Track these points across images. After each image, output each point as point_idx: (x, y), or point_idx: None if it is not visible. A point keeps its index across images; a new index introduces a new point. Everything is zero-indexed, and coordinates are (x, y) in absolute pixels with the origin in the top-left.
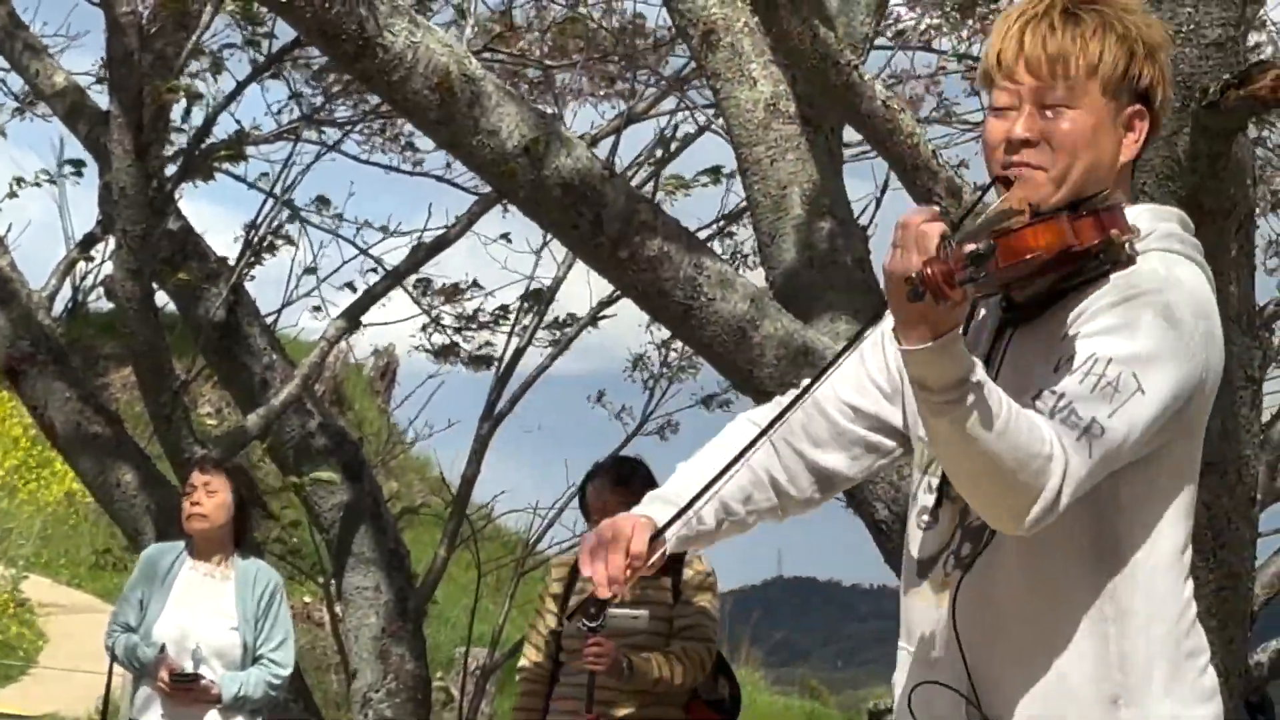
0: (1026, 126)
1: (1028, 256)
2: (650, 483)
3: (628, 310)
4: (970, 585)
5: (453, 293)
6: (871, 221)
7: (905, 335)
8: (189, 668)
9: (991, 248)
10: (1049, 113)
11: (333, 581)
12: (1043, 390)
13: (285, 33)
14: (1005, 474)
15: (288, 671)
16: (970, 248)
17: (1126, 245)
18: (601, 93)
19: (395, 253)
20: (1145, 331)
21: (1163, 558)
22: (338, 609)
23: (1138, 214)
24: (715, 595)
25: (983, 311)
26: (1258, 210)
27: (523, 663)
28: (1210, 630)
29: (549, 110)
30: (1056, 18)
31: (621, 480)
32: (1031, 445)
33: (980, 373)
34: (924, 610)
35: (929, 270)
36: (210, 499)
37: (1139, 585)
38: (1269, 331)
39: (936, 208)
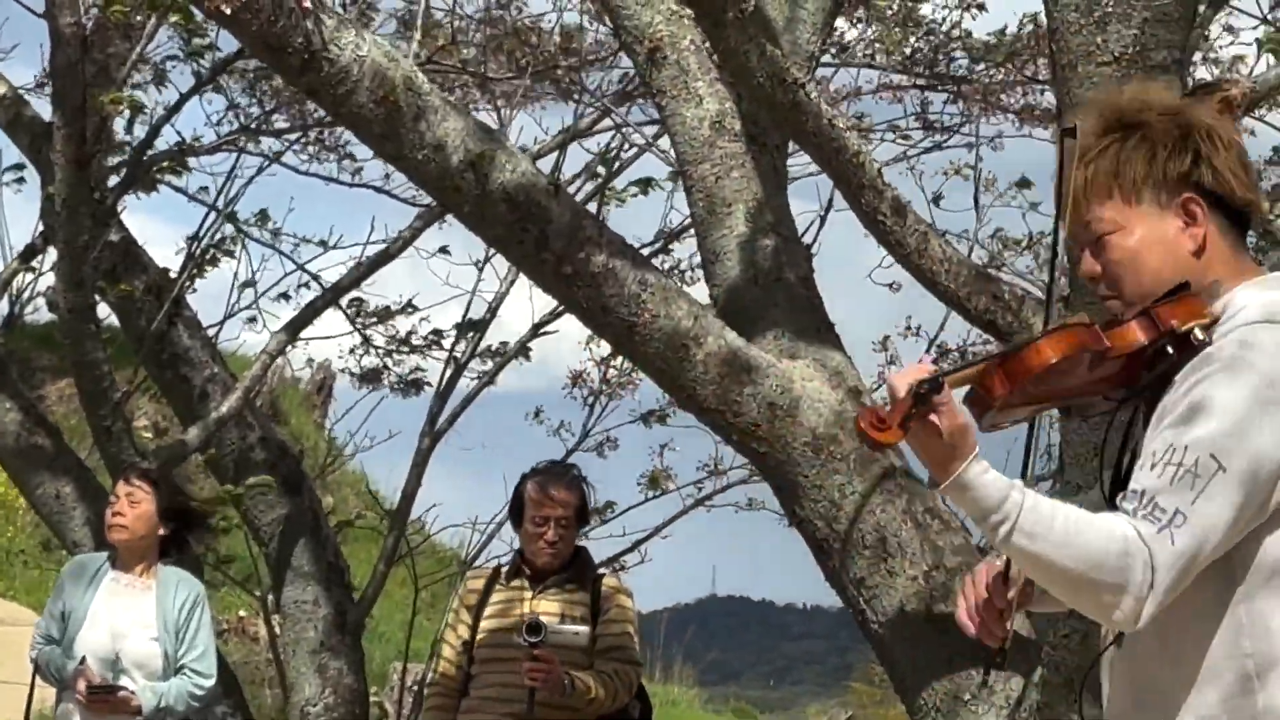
0: (1087, 268)
1: (1033, 372)
2: (585, 484)
3: (568, 327)
4: (1120, 659)
5: (385, 315)
6: (815, 240)
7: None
8: (110, 679)
9: (937, 383)
10: (1099, 246)
11: (270, 595)
12: (1129, 490)
13: (227, 43)
14: (1078, 581)
15: (210, 682)
16: (918, 387)
17: (1196, 331)
18: (546, 103)
19: (334, 268)
20: (1217, 410)
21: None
22: (275, 623)
23: (1243, 290)
24: (634, 614)
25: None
26: None
27: (432, 675)
28: None
29: (493, 121)
30: (1081, 157)
31: (561, 478)
32: (1100, 550)
33: (1019, 496)
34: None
35: (858, 422)
36: (133, 509)
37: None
38: None
39: (928, 359)
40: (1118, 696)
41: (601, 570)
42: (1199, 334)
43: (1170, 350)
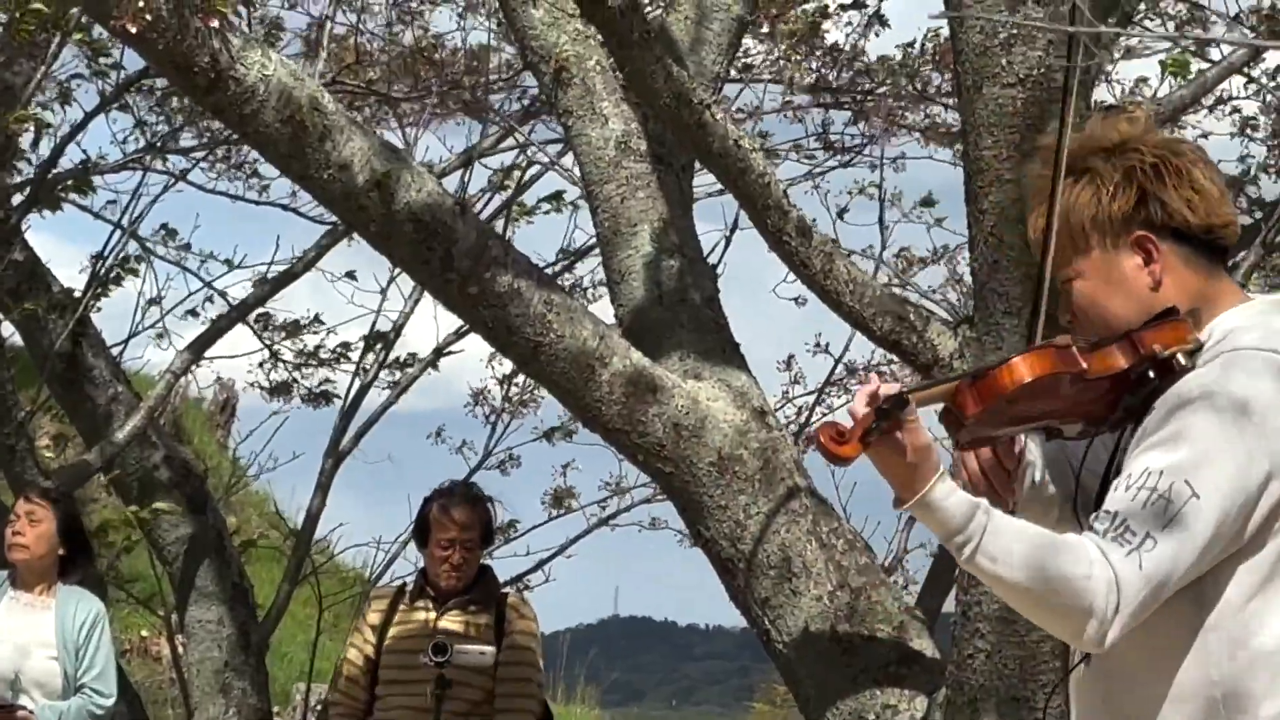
0: (1064, 309)
1: (1006, 391)
2: (490, 504)
3: (471, 345)
4: (1091, 678)
5: (294, 329)
6: (721, 260)
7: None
8: (10, 698)
9: (901, 400)
10: (1067, 292)
11: (174, 615)
12: (1101, 511)
13: (133, 62)
14: (1042, 602)
15: (109, 701)
16: (882, 403)
17: (1179, 357)
18: (451, 123)
19: (240, 285)
20: (1192, 437)
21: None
22: (179, 642)
23: (1228, 315)
24: (538, 634)
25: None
26: None
27: (334, 695)
28: None
29: (399, 141)
30: (1037, 204)
31: (466, 499)
32: (1064, 573)
33: (984, 518)
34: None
35: (818, 434)
36: (33, 529)
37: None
38: None
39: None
40: (1086, 716)
41: (506, 590)
42: (1181, 359)
43: (1152, 375)
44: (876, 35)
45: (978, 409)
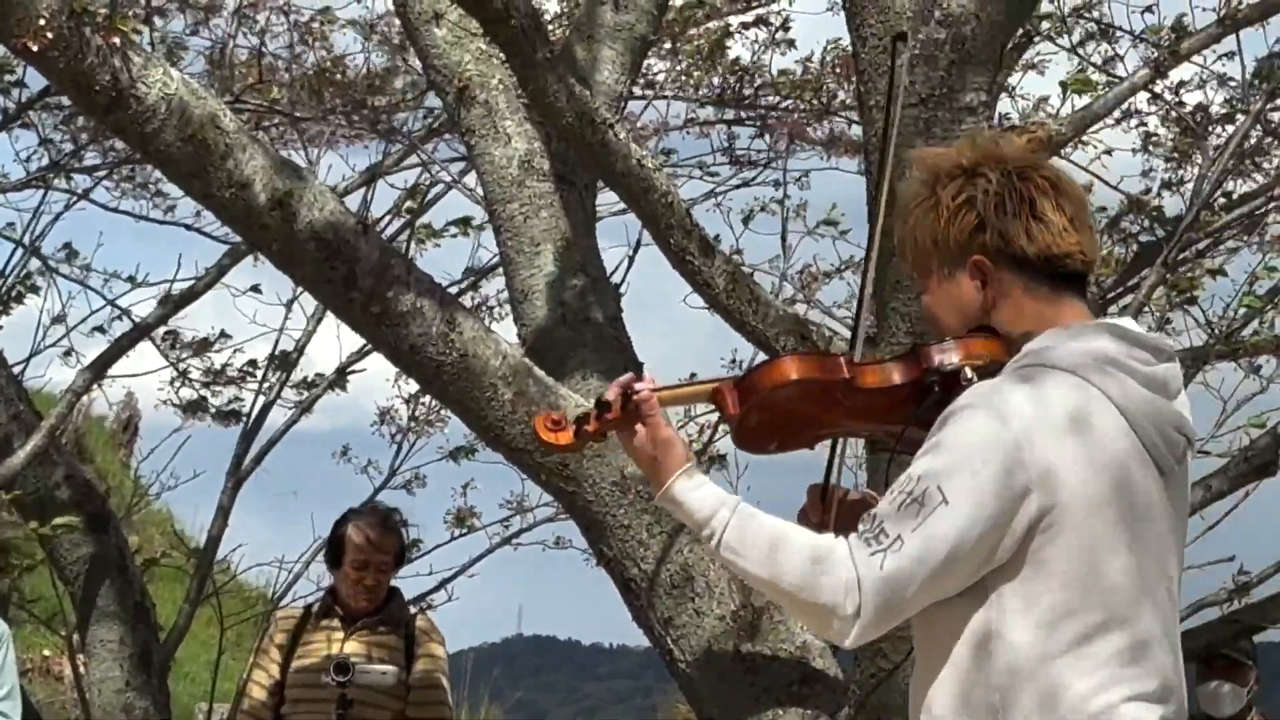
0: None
1: (761, 391)
2: (404, 527)
3: (376, 364)
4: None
5: (201, 347)
6: (624, 280)
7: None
8: None
9: (606, 403)
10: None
11: (76, 634)
12: (866, 513)
13: (36, 80)
14: (786, 597)
15: None
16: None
17: (966, 371)
18: (353, 141)
19: (144, 303)
20: (950, 445)
21: (1047, 651)
22: (81, 662)
23: (1044, 336)
24: (445, 656)
25: None
26: None
27: (239, 716)
28: None
29: (302, 160)
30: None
31: (385, 524)
32: (800, 569)
33: (727, 514)
34: None
35: (535, 421)
36: None
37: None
38: None
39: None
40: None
41: (414, 611)
42: (969, 374)
43: (937, 388)
44: (782, 54)
45: (736, 408)
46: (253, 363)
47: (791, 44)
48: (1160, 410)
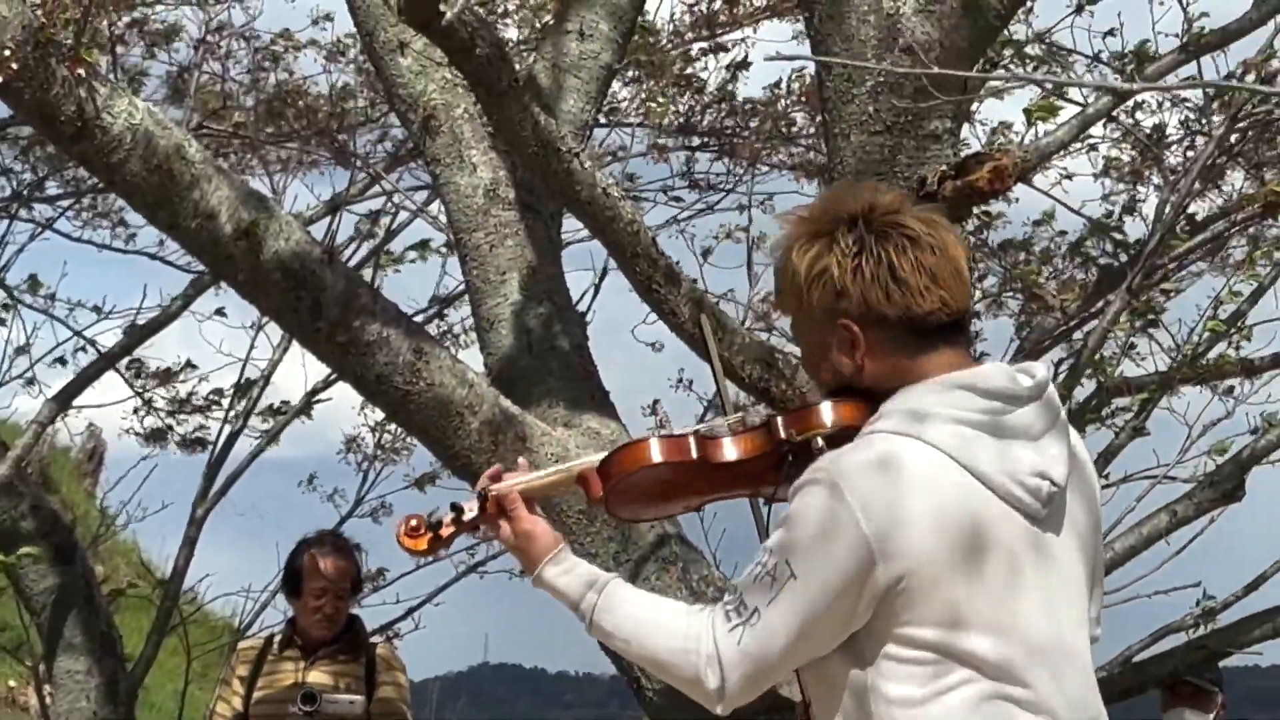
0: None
1: (626, 474)
2: (359, 552)
3: (342, 392)
4: None
5: (166, 376)
6: (590, 308)
7: None
8: None
9: (481, 497)
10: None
11: (42, 664)
12: (729, 583)
13: None
14: (659, 670)
15: None
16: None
17: (817, 439)
18: (319, 169)
19: (110, 333)
20: (795, 521)
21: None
22: (47, 693)
23: (900, 396)
24: (407, 684)
25: None
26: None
27: None
28: None
29: (266, 188)
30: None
31: (338, 549)
32: (665, 648)
33: (594, 598)
34: None
35: (396, 525)
36: None
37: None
38: None
39: (494, 469)
40: None
41: (375, 639)
42: (819, 443)
43: (791, 456)
44: (744, 84)
45: (599, 490)
46: (218, 391)
47: (744, 66)
48: (1014, 458)
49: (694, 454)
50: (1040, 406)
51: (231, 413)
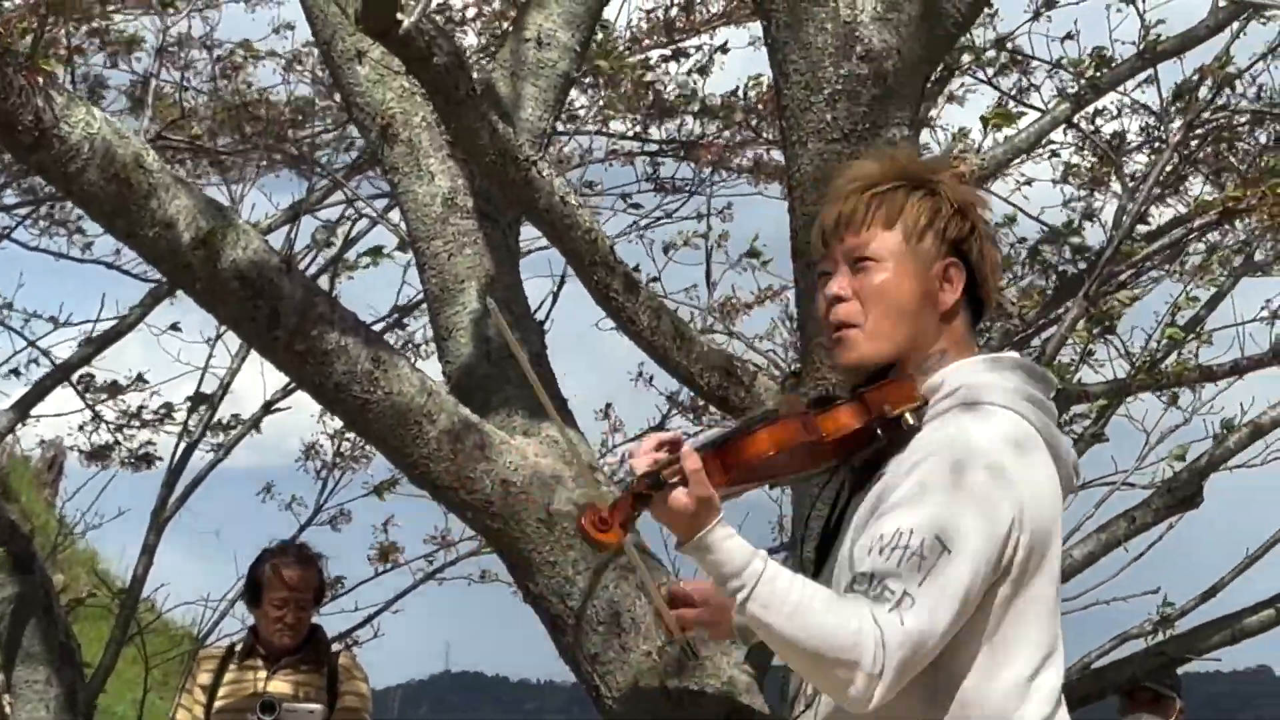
0: (839, 284)
1: (749, 464)
2: (320, 561)
3: (301, 400)
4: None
5: (114, 390)
6: (548, 316)
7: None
8: None
9: (659, 482)
10: (860, 267)
11: (1, 674)
12: (858, 574)
13: None
14: (810, 654)
15: None
16: (640, 487)
17: (906, 416)
18: (277, 177)
19: (67, 344)
20: (937, 495)
21: (1000, 687)
22: (5, 702)
23: (957, 370)
24: (369, 693)
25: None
26: None
27: None
28: None
29: (224, 197)
30: (865, 185)
31: (300, 559)
32: (833, 627)
33: (760, 565)
34: None
35: (579, 520)
36: None
37: (973, 714)
38: None
39: (667, 436)
40: None
41: (336, 648)
42: (909, 419)
43: (880, 432)
44: (703, 93)
45: (722, 479)
46: (169, 405)
47: (704, 71)
48: (1065, 443)
49: (820, 434)
50: None
51: (190, 422)
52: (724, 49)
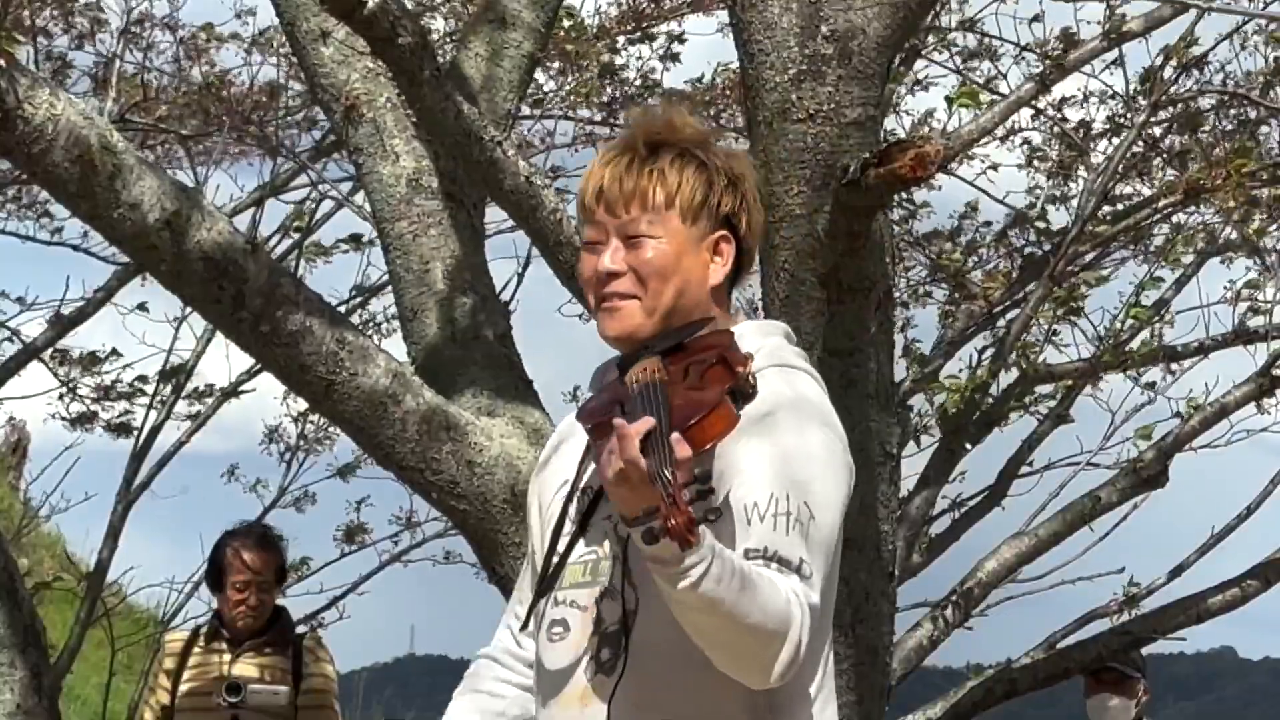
0: (613, 259)
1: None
2: (282, 543)
3: (266, 382)
4: (626, 688)
5: (90, 362)
6: (513, 297)
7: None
8: None
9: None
10: (633, 243)
11: None
12: (746, 547)
13: None
14: (754, 629)
15: None
16: (695, 484)
17: (750, 377)
18: (242, 159)
19: (33, 324)
20: (798, 455)
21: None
22: None
23: (743, 332)
24: (334, 674)
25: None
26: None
27: None
28: (848, 705)
29: (190, 179)
30: (637, 155)
31: (261, 541)
32: (772, 597)
33: (711, 539)
34: (569, 717)
35: (673, 523)
36: None
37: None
38: (906, 408)
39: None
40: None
41: (301, 630)
42: (753, 380)
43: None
44: (668, 70)
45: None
46: (142, 378)
47: (676, 58)
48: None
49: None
50: None
51: (156, 399)
52: (680, 38)
